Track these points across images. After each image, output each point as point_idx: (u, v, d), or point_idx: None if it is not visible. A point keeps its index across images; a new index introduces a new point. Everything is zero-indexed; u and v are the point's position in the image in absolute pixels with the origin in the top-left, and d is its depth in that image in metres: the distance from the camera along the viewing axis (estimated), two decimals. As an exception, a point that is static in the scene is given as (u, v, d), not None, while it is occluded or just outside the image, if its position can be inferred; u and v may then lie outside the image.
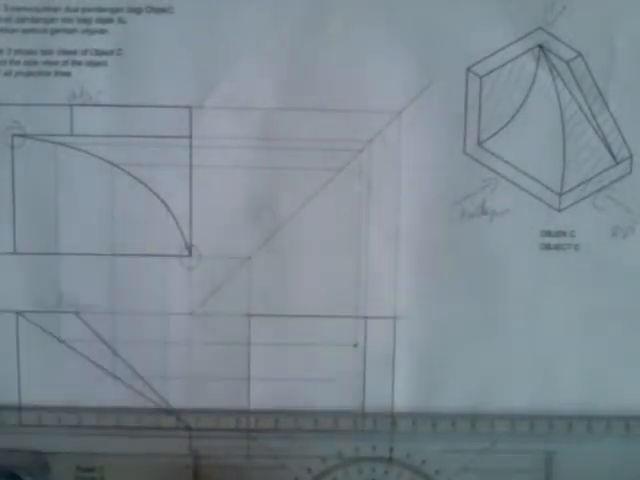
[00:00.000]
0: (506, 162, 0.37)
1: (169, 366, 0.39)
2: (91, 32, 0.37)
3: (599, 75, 0.37)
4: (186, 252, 0.38)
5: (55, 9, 0.37)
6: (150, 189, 0.36)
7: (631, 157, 0.37)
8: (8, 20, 0.37)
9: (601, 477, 0.39)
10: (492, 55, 0.37)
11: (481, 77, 0.37)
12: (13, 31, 0.37)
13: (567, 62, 0.37)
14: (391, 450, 0.39)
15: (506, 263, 0.38)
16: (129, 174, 0.37)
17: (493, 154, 0.37)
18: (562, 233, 0.38)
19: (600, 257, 0.38)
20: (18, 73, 0.37)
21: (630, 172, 0.38)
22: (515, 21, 0.37)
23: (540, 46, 0.37)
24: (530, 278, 0.38)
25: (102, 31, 0.37)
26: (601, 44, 0.37)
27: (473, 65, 0.37)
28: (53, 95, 0.37)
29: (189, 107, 0.37)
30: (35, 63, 0.37)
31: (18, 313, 0.38)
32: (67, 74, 0.37)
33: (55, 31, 0.37)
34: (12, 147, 0.37)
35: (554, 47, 0.37)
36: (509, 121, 0.37)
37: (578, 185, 0.38)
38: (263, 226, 0.38)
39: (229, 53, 0.37)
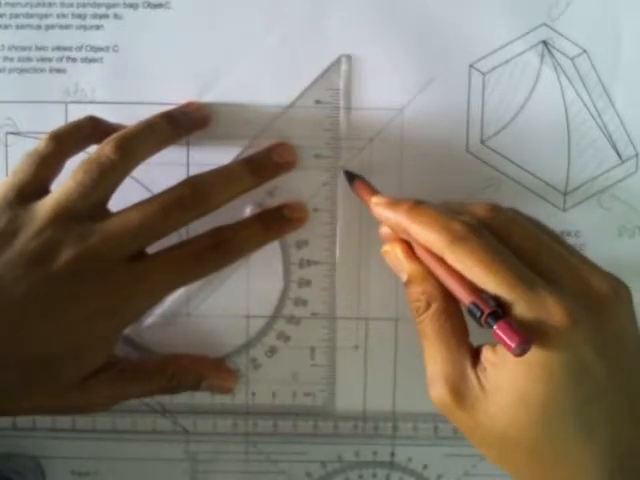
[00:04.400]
0: (510, 161, 0.37)
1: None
2: (86, 28, 0.37)
3: (604, 72, 0.36)
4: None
5: (50, 4, 0.36)
6: (146, 187, 0.36)
7: (637, 155, 0.37)
8: (1, 16, 0.36)
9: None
10: (495, 51, 0.36)
11: (484, 74, 0.36)
12: (7, 27, 0.37)
13: (572, 59, 0.36)
14: (392, 454, 0.39)
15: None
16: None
17: (496, 152, 0.37)
18: (567, 233, 0.37)
19: (606, 257, 0.37)
20: (12, 70, 0.37)
21: (636, 171, 0.37)
22: (519, 17, 0.36)
23: (544, 42, 0.36)
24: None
25: (97, 27, 0.37)
26: (606, 40, 0.36)
27: (476, 62, 0.36)
28: (47, 92, 0.37)
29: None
30: (29, 59, 0.37)
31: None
32: (62, 71, 0.37)
33: (49, 27, 0.37)
34: (6, 145, 0.37)
35: (558, 43, 0.36)
36: (513, 119, 0.37)
37: (583, 184, 0.37)
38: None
39: (227, 50, 0.37)
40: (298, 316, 0.38)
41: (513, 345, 0.26)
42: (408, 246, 0.31)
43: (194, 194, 0.33)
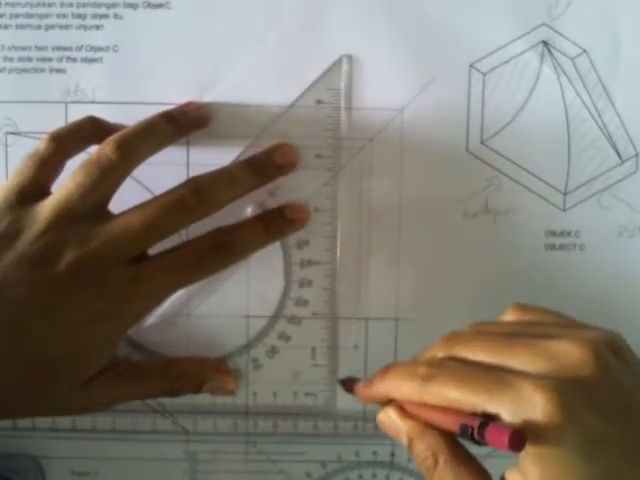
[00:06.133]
0: (509, 161, 0.37)
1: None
2: (86, 28, 0.37)
3: (604, 72, 0.36)
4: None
5: (50, 4, 0.36)
6: (146, 187, 0.36)
7: (637, 155, 0.37)
8: (1, 16, 0.36)
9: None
10: (495, 51, 0.36)
11: (484, 74, 0.36)
12: (7, 27, 0.37)
13: (572, 59, 0.36)
14: (392, 455, 0.39)
15: (510, 264, 0.37)
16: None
17: (496, 152, 0.37)
18: (567, 233, 0.37)
19: (606, 258, 0.37)
20: (12, 70, 0.37)
21: (636, 171, 0.37)
22: (519, 17, 0.36)
23: (544, 42, 0.36)
24: (534, 279, 0.37)
25: (97, 27, 0.37)
26: (606, 40, 0.36)
27: (476, 62, 0.36)
28: (47, 92, 0.37)
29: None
30: (29, 59, 0.37)
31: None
32: (62, 71, 0.37)
33: (49, 27, 0.37)
34: (6, 145, 0.37)
35: (558, 43, 0.36)
36: (513, 119, 0.37)
37: (583, 184, 0.37)
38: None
39: (227, 49, 0.37)
40: (299, 316, 0.38)
41: (506, 441, 0.25)
42: (400, 407, 0.31)
43: (195, 196, 0.33)
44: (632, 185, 0.37)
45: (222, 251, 0.34)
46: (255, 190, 0.36)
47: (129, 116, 0.35)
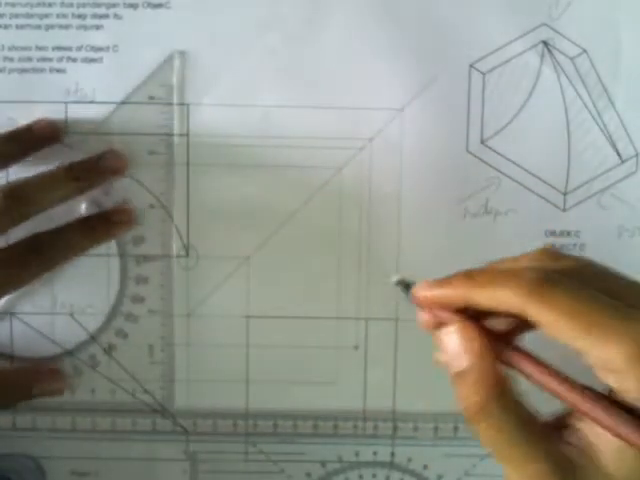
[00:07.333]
0: (510, 161, 0.37)
1: (165, 368, 0.38)
2: (86, 28, 0.37)
3: (604, 72, 0.36)
4: (183, 252, 0.37)
5: (50, 4, 0.36)
6: (146, 187, 0.36)
7: (637, 155, 0.37)
8: (2, 16, 0.36)
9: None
10: (495, 51, 0.36)
11: (484, 74, 0.36)
12: (7, 27, 0.37)
13: (572, 59, 0.36)
14: (392, 455, 0.39)
15: (510, 264, 0.37)
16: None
17: (496, 152, 0.37)
18: (567, 233, 0.37)
19: (606, 258, 0.37)
20: (12, 70, 0.37)
21: (636, 171, 0.37)
22: (519, 17, 0.36)
23: (544, 42, 0.36)
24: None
25: (97, 27, 0.37)
26: (606, 40, 0.36)
27: (476, 61, 0.36)
28: (48, 92, 0.37)
29: (186, 104, 0.36)
30: (29, 59, 0.37)
31: (12, 315, 0.38)
32: (62, 71, 0.37)
33: (49, 27, 0.37)
34: (6, 145, 0.37)
35: (558, 43, 0.36)
36: (513, 119, 0.37)
37: (583, 184, 0.37)
38: (262, 225, 0.37)
39: (228, 49, 0.37)
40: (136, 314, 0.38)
41: None
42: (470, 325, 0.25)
43: (12, 200, 0.33)
44: (632, 185, 0.37)
45: (42, 255, 0.34)
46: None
47: (129, 116, 0.35)
